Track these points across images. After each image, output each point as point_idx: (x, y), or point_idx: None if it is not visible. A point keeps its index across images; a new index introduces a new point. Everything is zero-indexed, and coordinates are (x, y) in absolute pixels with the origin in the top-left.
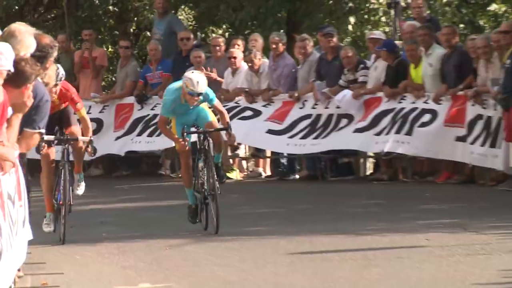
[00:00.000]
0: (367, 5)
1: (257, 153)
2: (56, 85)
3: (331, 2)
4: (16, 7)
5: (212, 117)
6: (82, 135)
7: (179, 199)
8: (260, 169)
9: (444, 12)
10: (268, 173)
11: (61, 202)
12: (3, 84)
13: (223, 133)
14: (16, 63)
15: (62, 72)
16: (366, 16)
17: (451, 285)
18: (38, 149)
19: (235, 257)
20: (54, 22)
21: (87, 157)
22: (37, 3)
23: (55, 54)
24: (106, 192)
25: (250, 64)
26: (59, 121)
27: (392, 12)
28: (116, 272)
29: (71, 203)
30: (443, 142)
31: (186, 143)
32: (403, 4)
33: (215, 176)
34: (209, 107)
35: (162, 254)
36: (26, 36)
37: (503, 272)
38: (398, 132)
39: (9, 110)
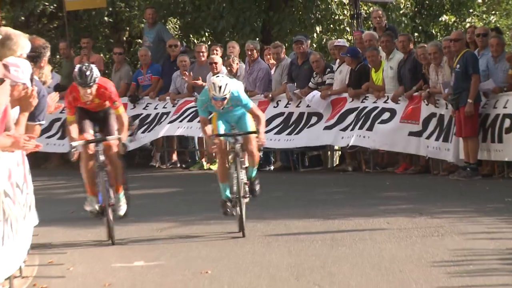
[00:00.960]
0: (333, 16)
1: None
2: (90, 86)
3: (300, 12)
4: (22, 18)
5: (251, 127)
6: (118, 132)
7: (168, 188)
8: None
9: (401, 22)
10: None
11: (103, 204)
12: None
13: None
14: None
15: (96, 72)
16: (331, 26)
17: (409, 262)
18: (69, 155)
19: (218, 238)
20: (56, 31)
21: None
22: (41, 14)
23: (48, 54)
24: None
25: (229, 68)
26: (99, 121)
27: (355, 22)
28: (114, 252)
29: (113, 203)
30: (399, 137)
31: (215, 145)
32: (364, 15)
33: (244, 180)
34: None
35: (154, 236)
36: (21, 38)
37: (454, 251)
38: (361, 128)
39: (16, 109)
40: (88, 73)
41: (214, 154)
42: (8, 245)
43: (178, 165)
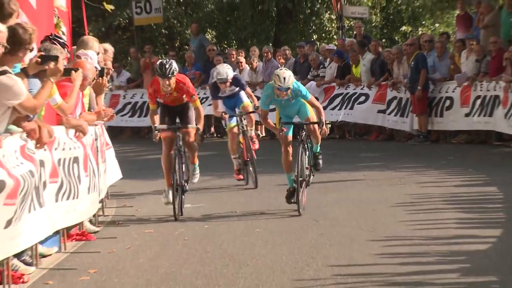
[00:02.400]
0: (324, 28)
1: (257, 121)
2: (169, 77)
3: (301, 25)
4: (103, 29)
5: (310, 113)
6: (196, 123)
7: (208, 151)
8: (259, 132)
9: (372, 31)
10: (264, 134)
11: (180, 183)
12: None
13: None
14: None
15: (175, 66)
16: (323, 35)
17: (379, 203)
18: (153, 136)
19: (241, 190)
20: (127, 40)
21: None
22: (117, 27)
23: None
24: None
25: (250, 66)
26: (180, 115)
27: (340, 32)
28: None
29: (185, 183)
30: (371, 114)
31: (283, 132)
32: (347, 27)
33: (311, 163)
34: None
35: (198, 186)
36: (93, 42)
37: (411, 195)
38: (345, 108)
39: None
40: (167, 66)
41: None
42: (92, 193)
43: (215, 135)
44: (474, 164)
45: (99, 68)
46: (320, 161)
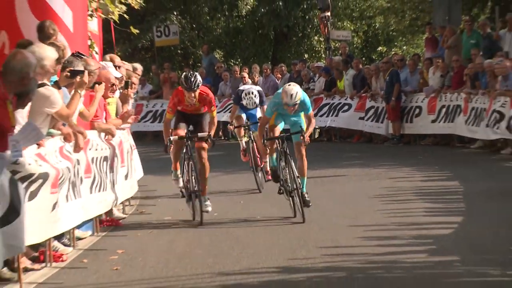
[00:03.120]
0: (314, 48)
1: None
2: (194, 90)
3: (294, 46)
4: (129, 50)
5: (304, 127)
6: (208, 130)
7: (216, 152)
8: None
9: (354, 51)
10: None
11: (196, 188)
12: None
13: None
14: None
15: (199, 79)
16: (313, 54)
17: (360, 195)
18: (166, 149)
19: (246, 188)
20: (149, 58)
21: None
22: (141, 48)
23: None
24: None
25: (252, 80)
26: (195, 123)
27: (327, 52)
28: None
29: (197, 189)
30: (353, 120)
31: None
32: (333, 48)
33: (296, 174)
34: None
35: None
36: (118, 60)
37: (387, 188)
38: (331, 115)
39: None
40: (193, 79)
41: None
42: (121, 185)
43: (222, 138)
44: (439, 162)
45: (118, 76)
46: (308, 197)
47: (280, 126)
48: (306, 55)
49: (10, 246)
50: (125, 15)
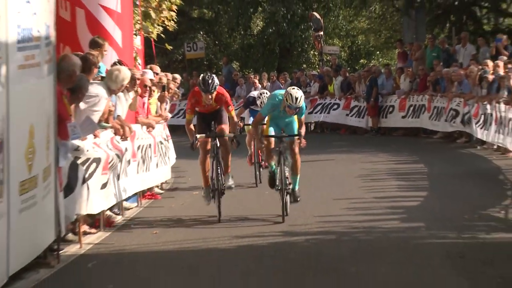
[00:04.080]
0: (310, 60)
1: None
2: (211, 92)
3: (295, 58)
4: (166, 62)
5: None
6: (229, 131)
7: None
8: None
9: (342, 62)
10: None
11: (218, 188)
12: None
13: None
14: None
15: (216, 81)
16: (310, 65)
17: (346, 176)
18: (192, 145)
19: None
20: (181, 68)
21: None
22: (175, 60)
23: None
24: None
25: (261, 85)
26: (214, 118)
27: (321, 63)
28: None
29: (222, 189)
30: (341, 116)
31: (264, 144)
32: (325, 59)
33: (287, 174)
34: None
35: None
36: (158, 69)
37: (366, 170)
38: (324, 112)
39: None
40: (210, 81)
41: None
42: (159, 168)
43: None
44: (408, 149)
45: (162, 84)
46: (299, 194)
47: (272, 131)
48: (304, 65)
49: (65, 217)
50: (162, 35)
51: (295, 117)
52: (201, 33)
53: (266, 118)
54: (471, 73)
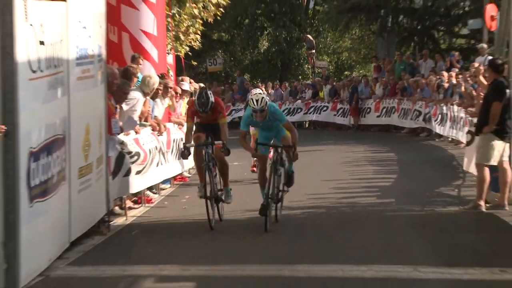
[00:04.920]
0: (305, 71)
1: None
2: (207, 112)
3: (293, 70)
4: (193, 74)
5: (287, 133)
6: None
7: None
8: None
9: (330, 74)
10: None
11: (213, 195)
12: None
13: None
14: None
15: (211, 99)
16: (305, 76)
17: (332, 162)
18: (183, 153)
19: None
20: (204, 79)
21: None
22: (199, 73)
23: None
24: None
25: (266, 92)
26: (214, 132)
27: (313, 74)
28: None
29: (218, 194)
30: (330, 116)
31: (259, 152)
32: (317, 71)
33: (283, 182)
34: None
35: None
36: (186, 79)
37: (349, 157)
38: (316, 113)
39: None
40: (205, 102)
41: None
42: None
43: None
44: (382, 142)
45: (190, 91)
46: (293, 180)
47: (265, 152)
48: (300, 77)
49: (114, 195)
50: (189, 53)
51: (281, 125)
52: (220, 51)
53: (254, 132)
54: (431, 82)
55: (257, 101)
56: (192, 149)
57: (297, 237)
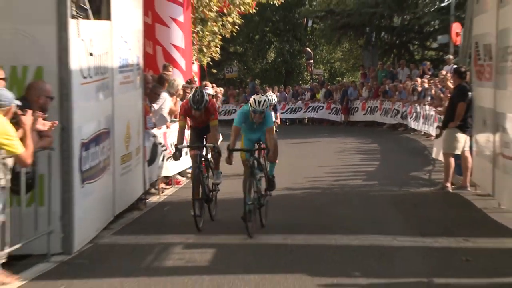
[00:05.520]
0: (305, 78)
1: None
2: (200, 110)
3: (295, 77)
4: (212, 79)
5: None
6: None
7: None
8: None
9: (325, 79)
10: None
11: (204, 196)
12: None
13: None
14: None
15: (205, 98)
16: (305, 81)
17: (326, 152)
18: (174, 154)
19: None
20: (223, 83)
21: None
22: (218, 79)
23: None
24: None
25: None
26: (207, 133)
27: (311, 80)
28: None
29: (212, 194)
30: (324, 114)
31: (244, 159)
32: (314, 77)
33: (264, 186)
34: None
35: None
36: (208, 84)
37: (340, 148)
38: (313, 112)
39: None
40: (200, 99)
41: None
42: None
43: None
44: (367, 135)
45: (212, 94)
46: (274, 183)
47: (250, 157)
48: (300, 82)
49: (149, 178)
50: (210, 63)
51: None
52: (235, 61)
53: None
54: (407, 86)
55: (259, 102)
56: (184, 150)
57: (297, 212)
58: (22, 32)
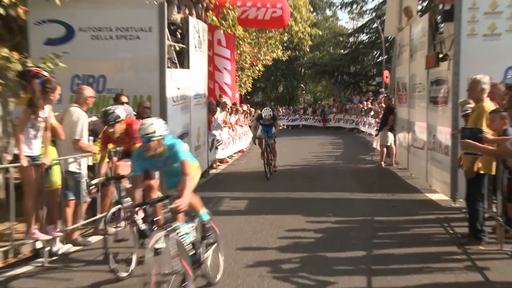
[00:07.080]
0: (299, 100)
1: None
2: (110, 125)
3: (294, 100)
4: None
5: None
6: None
7: None
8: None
9: (312, 102)
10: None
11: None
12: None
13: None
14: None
15: (116, 114)
16: (299, 102)
17: (316, 147)
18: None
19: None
20: (251, 105)
21: None
22: (247, 102)
23: None
24: None
25: (280, 110)
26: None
27: (303, 102)
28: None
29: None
30: (311, 122)
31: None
32: (305, 101)
33: (198, 240)
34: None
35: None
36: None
37: (328, 144)
38: (304, 121)
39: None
40: (111, 113)
41: None
42: (244, 141)
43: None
44: (336, 135)
45: (230, 105)
46: (210, 231)
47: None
48: (297, 103)
49: (211, 159)
50: (245, 92)
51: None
52: (260, 92)
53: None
54: (358, 106)
55: (143, 125)
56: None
57: (293, 179)
58: (140, 77)
